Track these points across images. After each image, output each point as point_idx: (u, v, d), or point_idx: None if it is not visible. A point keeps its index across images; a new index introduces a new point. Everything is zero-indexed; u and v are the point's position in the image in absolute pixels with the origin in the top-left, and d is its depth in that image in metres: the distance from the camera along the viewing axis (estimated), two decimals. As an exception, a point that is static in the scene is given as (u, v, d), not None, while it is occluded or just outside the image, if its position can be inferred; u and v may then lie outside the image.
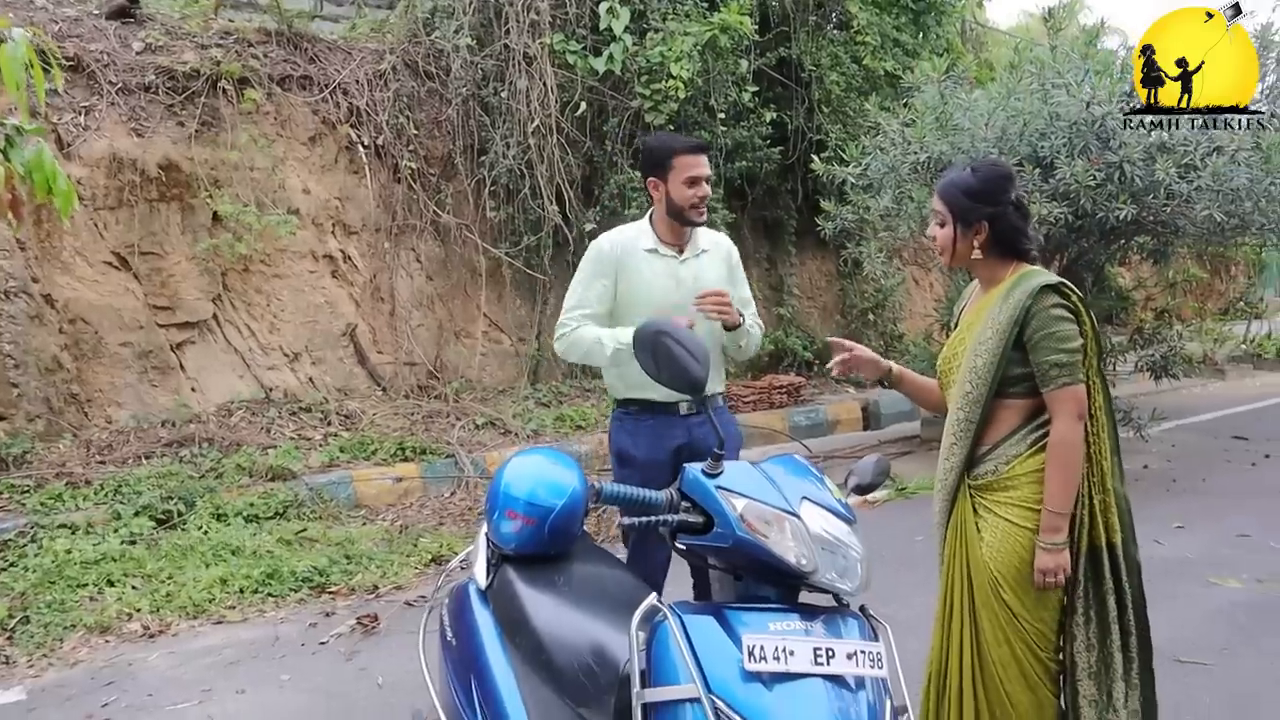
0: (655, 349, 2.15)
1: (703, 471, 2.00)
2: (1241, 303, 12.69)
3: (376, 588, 5.24)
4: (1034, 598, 2.54)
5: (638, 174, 8.98)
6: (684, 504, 2.02)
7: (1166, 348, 8.77)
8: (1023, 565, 2.52)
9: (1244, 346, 14.59)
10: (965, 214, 2.62)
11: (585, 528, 2.85)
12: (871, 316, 12.20)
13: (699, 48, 8.63)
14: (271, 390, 7.97)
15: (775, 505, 1.93)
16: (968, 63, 10.86)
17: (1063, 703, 2.62)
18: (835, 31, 10.27)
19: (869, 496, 7.22)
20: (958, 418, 2.64)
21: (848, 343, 2.90)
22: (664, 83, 8.64)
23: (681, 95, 8.64)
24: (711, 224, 3.62)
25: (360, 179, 8.65)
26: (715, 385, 3.58)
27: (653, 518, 1.97)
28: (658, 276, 3.45)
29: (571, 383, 9.49)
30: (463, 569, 2.98)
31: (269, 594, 5.13)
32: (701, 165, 3.39)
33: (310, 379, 8.21)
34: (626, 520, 1.97)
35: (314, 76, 8.59)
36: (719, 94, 9.16)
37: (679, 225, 3.47)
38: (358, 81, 8.68)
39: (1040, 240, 6.73)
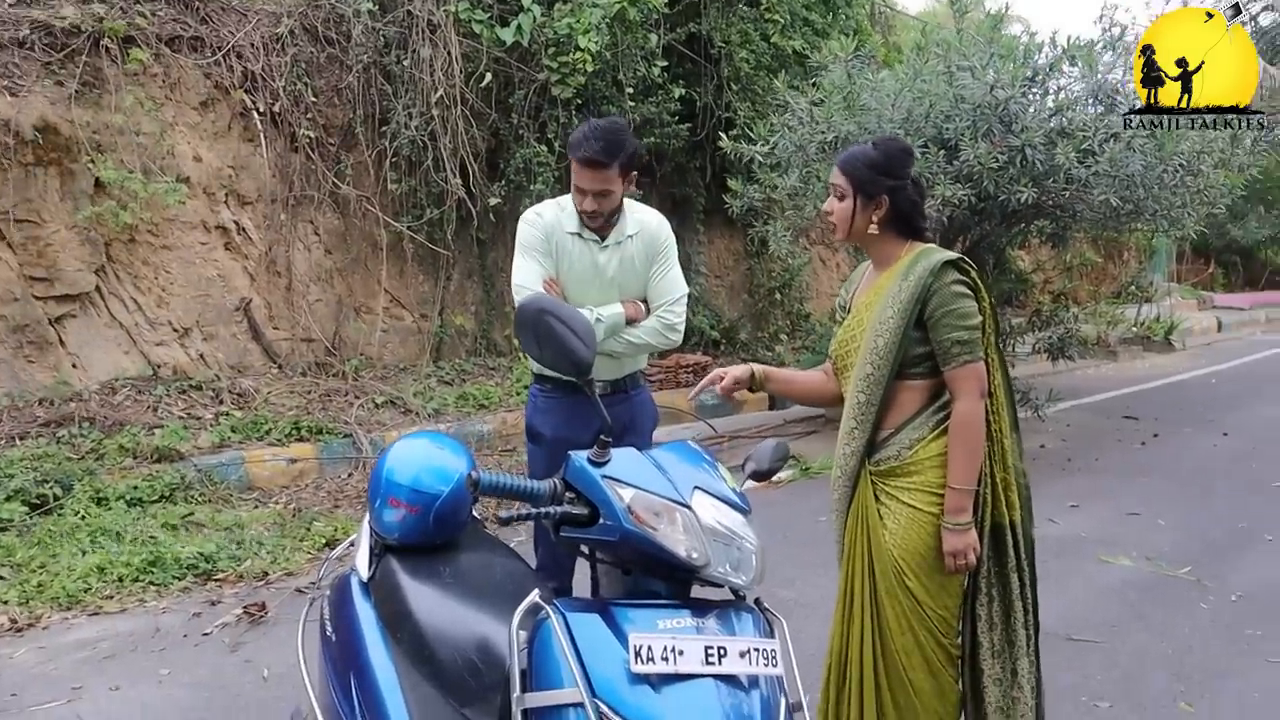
0: (537, 327, 2.01)
1: (588, 460, 1.89)
2: (1133, 286, 13.07)
3: (266, 574, 5.04)
4: (938, 583, 2.52)
5: (544, 148, 8.82)
6: (568, 494, 1.91)
7: (1063, 330, 8.97)
8: (928, 551, 2.49)
9: (1134, 329, 15.08)
10: (866, 186, 2.56)
11: (476, 514, 2.74)
12: (778, 296, 12.26)
13: (607, 20, 8.48)
14: (160, 367, 7.63)
15: (665, 496, 1.84)
16: (875, 44, 10.91)
17: (962, 686, 2.61)
18: (745, 8, 10.19)
19: (774, 477, 7.28)
20: (857, 401, 2.59)
21: (707, 380, 2.75)
22: (572, 55, 8.47)
23: (589, 69, 8.49)
24: (644, 198, 3.43)
25: (255, 147, 8.31)
26: (634, 364, 3.46)
27: (534, 510, 1.86)
28: (576, 262, 3.27)
29: (475, 360, 9.31)
30: (343, 559, 2.84)
31: (150, 582, 4.89)
32: (589, 179, 3.09)
33: (201, 355, 7.88)
34: (504, 514, 1.85)
35: (206, 38, 8.21)
36: (627, 68, 9.03)
37: None
38: (253, 45, 8.33)
39: (943, 221, 6.81)
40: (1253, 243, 23.31)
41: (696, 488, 1.89)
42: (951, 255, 2.53)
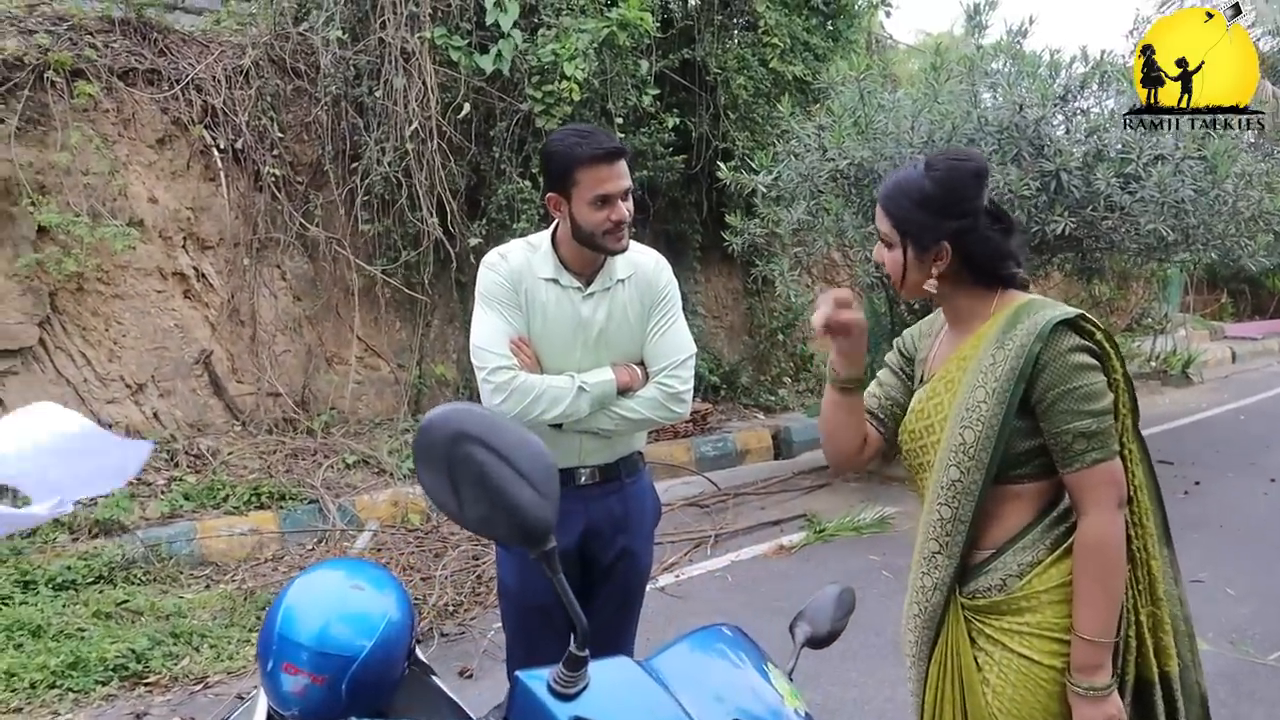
0: (454, 465, 1.25)
1: (550, 685, 1.20)
2: (1146, 319, 12.44)
3: (205, 676, 4.34)
4: None
5: (528, 184, 8.19)
6: None
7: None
8: (1049, 718, 1.80)
9: (1152, 363, 14.42)
10: (917, 232, 1.88)
11: (422, 656, 2.06)
12: (781, 336, 11.59)
13: (595, 46, 7.88)
14: (110, 426, 6.92)
15: None
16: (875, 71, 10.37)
17: None
18: (742, 32, 9.61)
19: (784, 540, 6.60)
20: (940, 516, 1.90)
21: (843, 298, 1.96)
22: (557, 84, 7.86)
23: (576, 98, 7.87)
24: (636, 236, 2.76)
25: (216, 187, 7.67)
26: (630, 444, 2.77)
27: None
28: (554, 316, 2.61)
29: (459, 412, 8.62)
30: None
31: (69, 689, 4.18)
32: (615, 178, 2.54)
33: (156, 413, 7.20)
34: None
35: (163, 70, 7.60)
36: (617, 97, 8.42)
37: (590, 252, 2.63)
38: (214, 78, 7.72)
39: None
40: (1261, 271, 22.74)
41: None
42: (1068, 311, 1.83)
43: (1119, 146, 5.92)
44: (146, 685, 4.28)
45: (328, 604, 1.77)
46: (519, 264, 2.63)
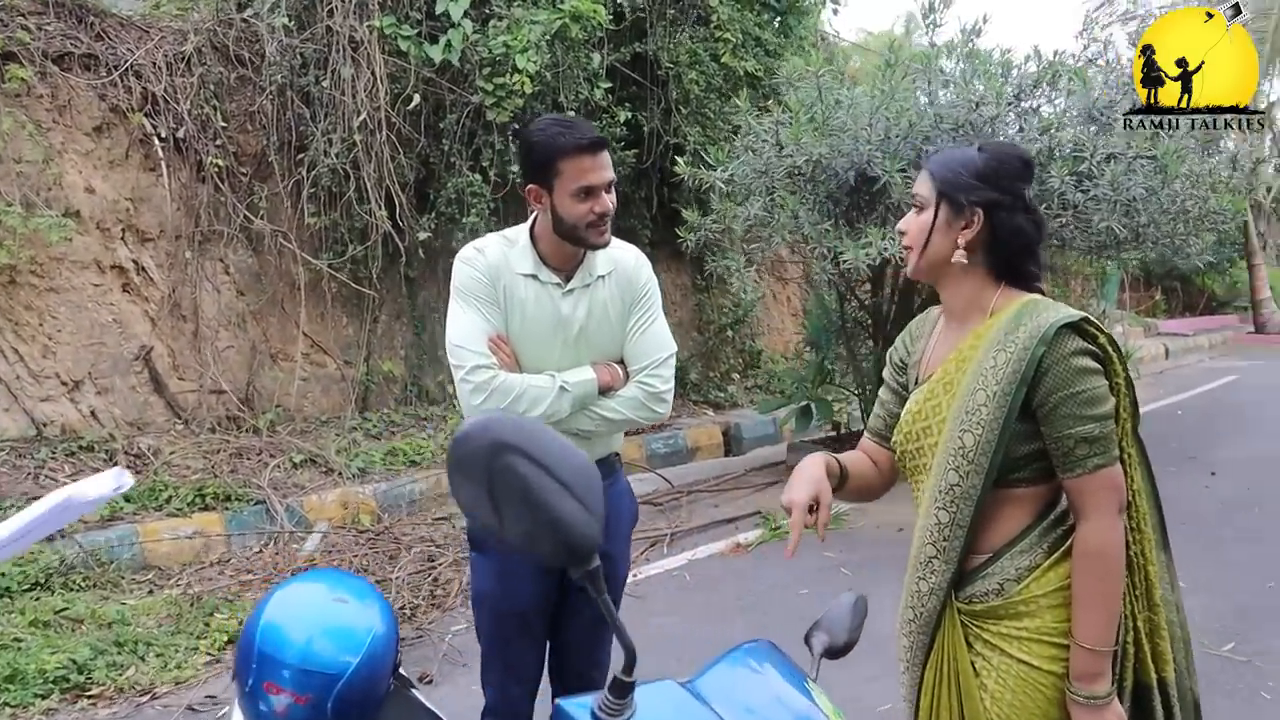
0: (494, 477, 1.15)
1: (595, 713, 1.13)
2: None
3: (152, 686, 4.18)
4: None
5: (478, 177, 8.07)
6: None
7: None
8: None
9: (1091, 359, 14.69)
10: (954, 193, 1.83)
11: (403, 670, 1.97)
12: (730, 333, 11.60)
13: (547, 38, 7.78)
14: (45, 426, 6.70)
15: None
16: (835, 67, 10.39)
17: None
18: (695, 27, 9.56)
19: (740, 538, 6.57)
20: (937, 520, 1.85)
21: (798, 523, 1.80)
22: (508, 76, 7.74)
23: (528, 91, 7.76)
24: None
25: (157, 177, 7.44)
26: (608, 445, 2.68)
27: None
28: (533, 313, 2.53)
29: (406, 410, 8.48)
30: None
31: (6, 703, 4.00)
32: (599, 169, 2.44)
33: (94, 412, 6.96)
34: None
35: (101, 56, 7.34)
36: (569, 91, 8.32)
37: (571, 247, 2.54)
38: (155, 64, 7.46)
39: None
40: (1193, 269, 23.33)
41: None
42: (1072, 314, 1.78)
43: (1071, 145, 5.97)
44: (90, 697, 4.10)
45: (310, 618, 1.68)
46: (496, 259, 2.54)
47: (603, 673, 2.85)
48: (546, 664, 2.78)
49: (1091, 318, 1.80)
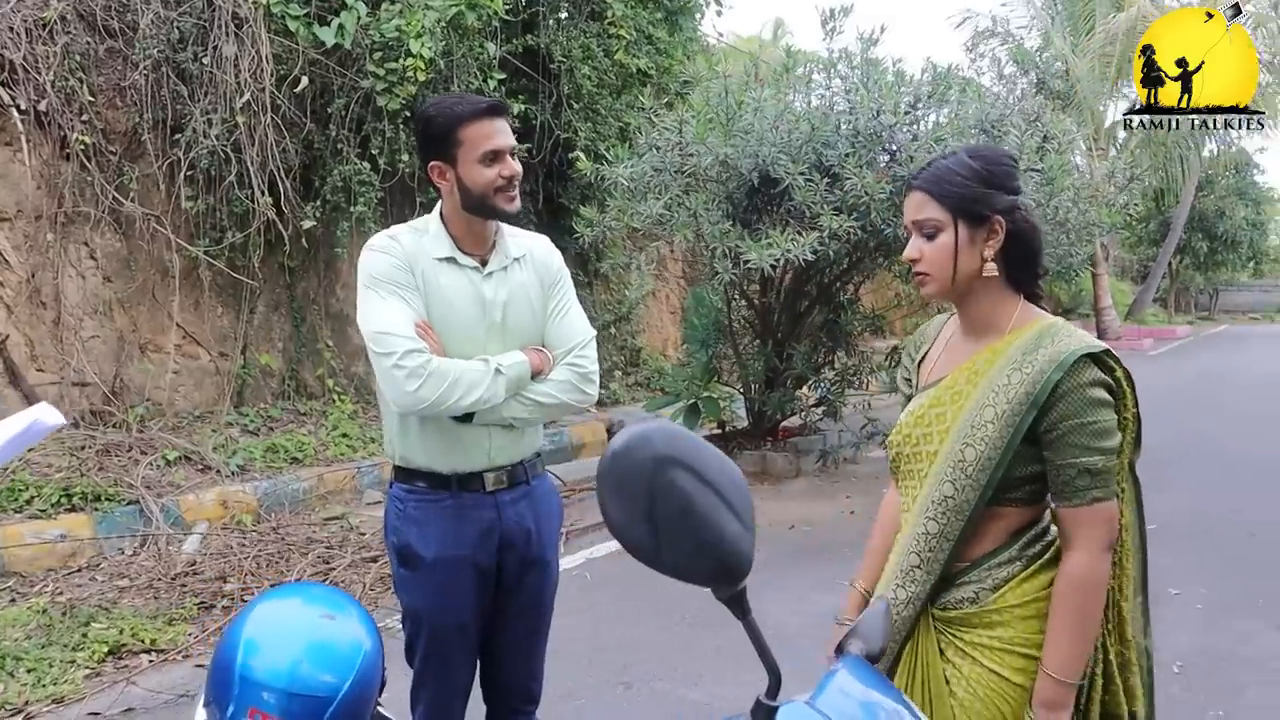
0: (655, 492, 1.07)
1: None
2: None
3: (25, 706, 3.85)
4: None
5: (366, 165, 7.80)
6: None
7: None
8: None
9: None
10: (971, 205, 1.78)
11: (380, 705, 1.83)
12: (613, 330, 11.56)
13: (443, 24, 7.56)
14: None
15: None
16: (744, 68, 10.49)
17: None
18: (588, 22, 9.47)
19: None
20: (926, 530, 1.84)
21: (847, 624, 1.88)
22: (401, 61, 7.50)
23: (421, 78, 7.53)
24: (517, 219, 2.62)
25: (15, 153, 6.91)
26: (533, 440, 2.64)
27: None
28: (454, 298, 2.46)
29: (284, 405, 8.13)
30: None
31: None
32: (501, 132, 2.43)
33: (-59, 405, 6.43)
34: None
35: (-49, 20, 6.79)
36: (462, 80, 8.12)
37: (482, 221, 2.48)
38: (12, 29, 6.93)
39: (828, 254, 6.27)
40: (1056, 276, 24.49)
41: None
42: (1095, 345, 1.77)
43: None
44: (-45, 718, 3.77)
45: (296, 637, 1.54)
46: (411, 246, 2.47)
47: (539, 683, 2.77)
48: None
49: (1110, 350, 1.79)
